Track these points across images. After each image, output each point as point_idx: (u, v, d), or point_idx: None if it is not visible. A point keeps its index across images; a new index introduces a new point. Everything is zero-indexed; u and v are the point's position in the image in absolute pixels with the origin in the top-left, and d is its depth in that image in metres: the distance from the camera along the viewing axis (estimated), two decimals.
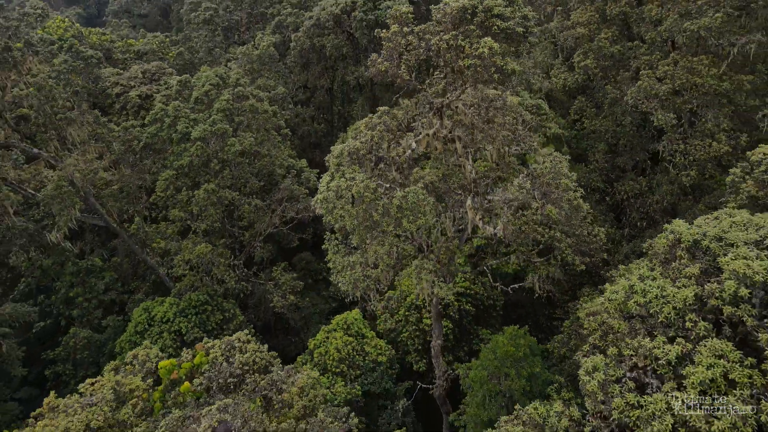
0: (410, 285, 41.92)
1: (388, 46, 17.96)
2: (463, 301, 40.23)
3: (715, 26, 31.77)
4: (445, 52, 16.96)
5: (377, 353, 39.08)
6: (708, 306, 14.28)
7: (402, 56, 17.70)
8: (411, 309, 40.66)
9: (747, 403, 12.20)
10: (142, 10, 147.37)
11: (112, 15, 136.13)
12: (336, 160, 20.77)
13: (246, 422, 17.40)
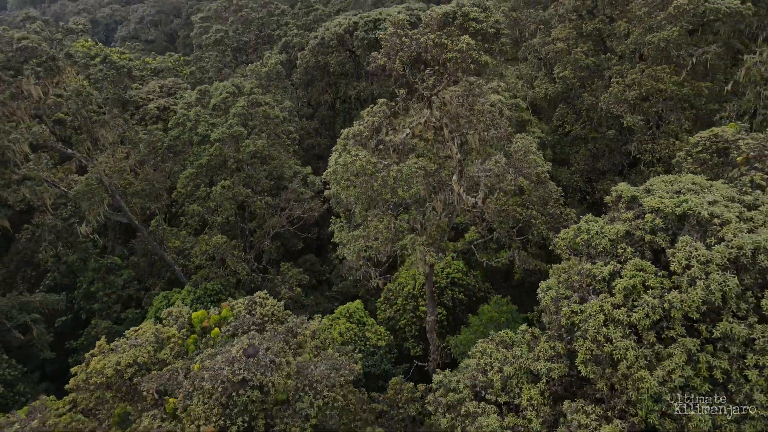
0: (408, 277, 46.19)
1: (386, 45, 22.64)
2: (456, 291, 44.19)
3: (673, 38, 36.73)
4: (432, 48, 21.60)
5: (377, 338, 42.88)
6: (634, 237, 18.59)
7: (398, 53, 22.33)
8: (408, 298, 44.64)
9: (656, 298, 16.37)
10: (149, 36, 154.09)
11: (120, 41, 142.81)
12: (343, 142, 25.32)
13: (270, 348, 21.48)
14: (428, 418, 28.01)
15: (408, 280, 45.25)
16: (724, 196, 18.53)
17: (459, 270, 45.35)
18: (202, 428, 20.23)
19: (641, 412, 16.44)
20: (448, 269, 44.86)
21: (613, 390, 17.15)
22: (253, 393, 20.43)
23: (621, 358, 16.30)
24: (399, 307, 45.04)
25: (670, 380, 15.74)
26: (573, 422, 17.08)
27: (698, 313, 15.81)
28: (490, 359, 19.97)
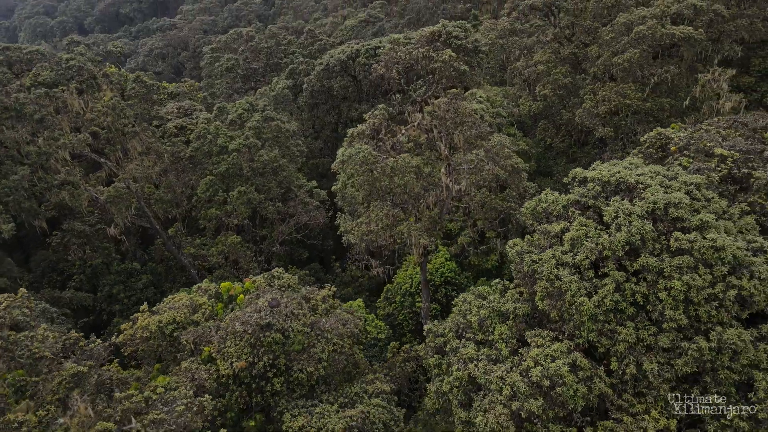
0: (405, 277, 51.09)
1: (385, 58, 28.27)
2: (449, 288, 48.97)
3: (635, 59, 42.66)
4: (421, 59, 27.20)
5: (377, 332, 47.52)
6: (581, 202, 23.79)
7: (394, 64, 27.94)
8: (406, 296, 49.44)
9: (593, 243, 21.46)
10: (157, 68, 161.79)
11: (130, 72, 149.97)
12: (348, 139, 30.80)
13: (288, 304, 26.35)
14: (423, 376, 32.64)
15: (405, 280, 50.12)
16: (652, 171, 23.85)
17: (452, 270, 50.20)
18: (235, 364, 25.06)
19: (584, 333, 21.37)
20: (442, 269, 49.75)
21: (563, 318, 22.11)
22: (276, 335, 25.33)
23: (567, 290, 21.33)
24: (397, 304, 49.76)
25: (603, 304, 20.75)
26: (532, 344, 22.01)
27: (623, 252, 20.94)
28: (470, 306, 24.98)
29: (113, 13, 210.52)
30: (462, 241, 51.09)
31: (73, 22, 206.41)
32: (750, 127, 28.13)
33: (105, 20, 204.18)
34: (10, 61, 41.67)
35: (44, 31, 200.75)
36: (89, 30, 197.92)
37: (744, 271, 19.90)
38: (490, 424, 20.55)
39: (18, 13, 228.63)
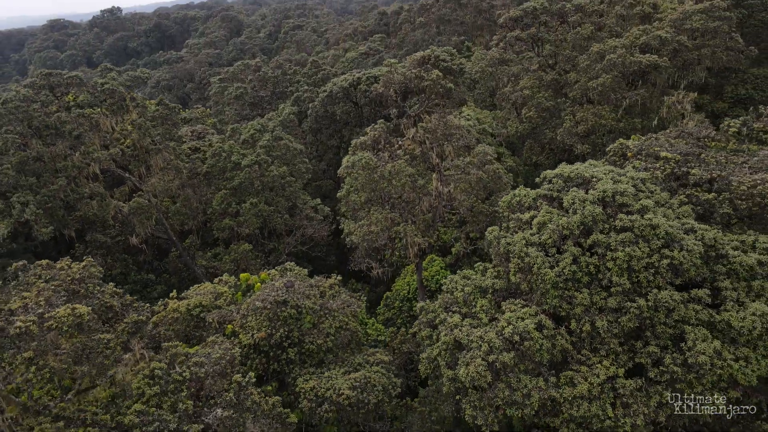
0: (403, 284, 55.73)
1: (383, 79, 33.63)
2: None
3: (608, 84, 48.31)
4: (414, 78, 32.52)
5: (377, 334, 51.99)
6: (547, 195, 28.77)
7: (391, 84, 33.30)
8: (404, 301, 54.02)
9: (555, 225, 26.35)
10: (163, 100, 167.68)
11: None
12: (352, 149, 36.00)
13: (301, 284, 31.03)
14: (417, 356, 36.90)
15: (403, 287, 54.76)
16: (605, 169, 28.94)
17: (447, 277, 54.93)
18: (255, 335, 29.68)
19: (548, 299, 26.11)
20: (437, 276, 54.44)
21: (531, 288, 26.87)
22: (291, 311, 30.02)
23: (534, 264, 26.15)
24: (396, 309, 54.30)
25: (563, 274, 25.56)
26: (506, 311, 26.72)
27: (579, 231, 25.87)
28: (456, 284, 29.75)
29: (121, 47, 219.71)
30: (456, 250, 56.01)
31: (82, 55, 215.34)
32: (694, 136, 33.33)
33: (113, 54, 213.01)
34: (51, 85, 47.27)
35: (54, 64, 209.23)
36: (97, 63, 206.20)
37: (675, 244, 24.77)
38: (471, 374, 25.09)
39: (28, 47, 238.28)
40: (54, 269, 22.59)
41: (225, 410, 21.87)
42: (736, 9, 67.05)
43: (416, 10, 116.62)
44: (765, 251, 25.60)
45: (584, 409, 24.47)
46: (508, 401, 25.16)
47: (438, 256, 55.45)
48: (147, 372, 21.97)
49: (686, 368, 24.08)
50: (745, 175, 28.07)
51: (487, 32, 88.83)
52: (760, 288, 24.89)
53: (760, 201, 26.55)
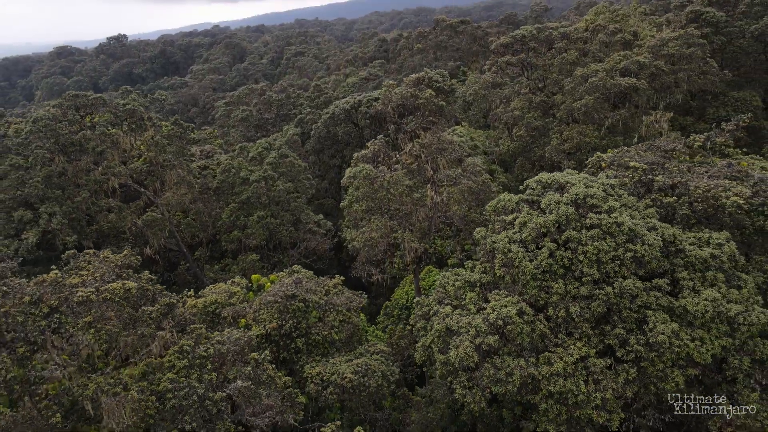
0: (401, 294, 59.24)
1: (382, 98, 37.71)
2: None
3: (590, 105, 52.58)
4: (409, 97, 36.61)
5: (377, 341, 55.30)
6: (528, 200, 32.60)
7: (389, 103, 37.39)
8: (402, 309, 57.50)
9: (534, 224, 30.11)
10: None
11: None
12: (354, 161, 39.98)
13: (308, 282, 34.59)
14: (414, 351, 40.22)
15: (402, 297, 58.29)
16: (579, 176, 32.85)
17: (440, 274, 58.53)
18: (267, 326, 33.21)
19: (528, 290, 29.75)
20: (434, 285, 58.02)
21: (514, 281, 30.52)
22: (299, 304, 33.60)
23: (516, 258, 29.85)
24: (395, 317, 57.75)
25: (540, 267, 29.24)
26: (491, 300, 30.33)
27: (554, 228, 29.64)
28: (447, 279, 33.40)
29: (126, 73, 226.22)
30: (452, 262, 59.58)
31: (89, 81, 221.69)
32: (662, 149, 37.32)
33: (119, 79, 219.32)
34: (77, 105, 51.49)
35: (60, 89, 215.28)
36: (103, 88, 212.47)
37: (638, 240, 28.52)
38: (460, 355, 28.58)
39: (35, 73, 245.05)
40: (99, 257, 26.27)
41: (244, 382, 25.32)
42: (716, 36, 72.01)
43: (414, 37, 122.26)
44: (717, 246, 29.32)
45: (560, 385, 27.88)
46: (493, 379, 28.59)
47: (435, 267, 59.09)
48: (177, 348, 25.44)
49: (648, 348, 27.58)
50: (702, 181, 31.96)
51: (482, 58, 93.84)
52: (713, 278, 28.56)
53: (714, 203, 30.39)
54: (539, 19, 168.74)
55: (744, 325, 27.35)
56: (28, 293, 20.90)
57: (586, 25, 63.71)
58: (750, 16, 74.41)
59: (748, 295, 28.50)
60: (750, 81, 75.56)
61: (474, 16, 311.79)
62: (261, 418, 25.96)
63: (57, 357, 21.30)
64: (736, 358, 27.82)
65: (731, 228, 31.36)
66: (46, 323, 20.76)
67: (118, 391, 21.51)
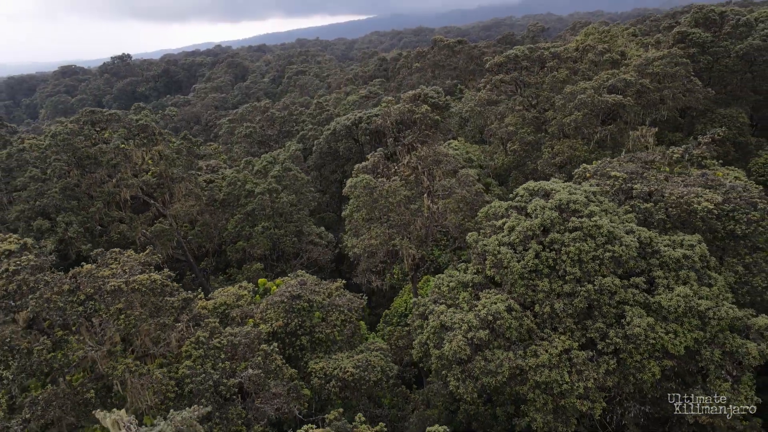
0: (400, 302, 61.73)
1: (381, 113, 40.66)
2: None
3: (579, 120, 55.61)
4: (406, 112, 39.57)
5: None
6: (516, 206, 35.34)
7: (388, 117, 40.36)
8: (401, 317, 59.94)
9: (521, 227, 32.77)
10: None
11: None
12: (355, 172, 42.82)
13: (312, 284, 37.14)
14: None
15: (400, 305, 60.81)
16: (564, 184, 35.63)
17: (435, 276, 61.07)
18: (274, 324, 35.73)
19: (516, 288, 32.35)
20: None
21: (503, 280, 33.12)
22: (303, 304, 36.16)
23: (505, 259, 32.51)
24: (394, 325, 60.19)
25: (527, 266, 31.89)
26: (481, 298, 32.90)
27: (540, 231, 32.35)
28: (442, 280, 36.01)
29: (130, 92, 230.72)
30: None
31: (92, 99, 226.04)
32: (643, 160, 40.19)
33: (122, 98, 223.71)
34: (93, 120, 54.52)
35: (65, 108, 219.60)
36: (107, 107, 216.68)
37: (616, 241, 31.22)
38: (453, 348, 31.08)
39: (40, 92, 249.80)
40: (123, 255, 28.88)
41: (254, 370, 27.78)
42: (702, 55, 75.45)
43: (413, 56, 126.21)
44: (690, 247, 32.01)
45: (546, 375, 30.34)
46: (484, 371, 31.05)
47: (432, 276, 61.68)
48: (193, 339, 27.93)
49: (626, 340, 30.10)
50: (677, 188, 34.75)
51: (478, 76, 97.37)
52: (686, 276, 31.20)
53: (687, 208, 33.13)
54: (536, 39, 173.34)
55: (714, 319, 29.92)
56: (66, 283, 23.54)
57: (577, 45, 67.10)
58: (735, 36, 77.88)
59: (718, 292, 31.13)
60: (737, 99, 78.76)
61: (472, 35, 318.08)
62: (270, 406, 28.36)
63: (89, 340, 23.82)
64: (707, 350, 30.28)
65: (704, 232, 34.09)
66: (83, 309, 23.35)
67: (144, 372, 24.01)
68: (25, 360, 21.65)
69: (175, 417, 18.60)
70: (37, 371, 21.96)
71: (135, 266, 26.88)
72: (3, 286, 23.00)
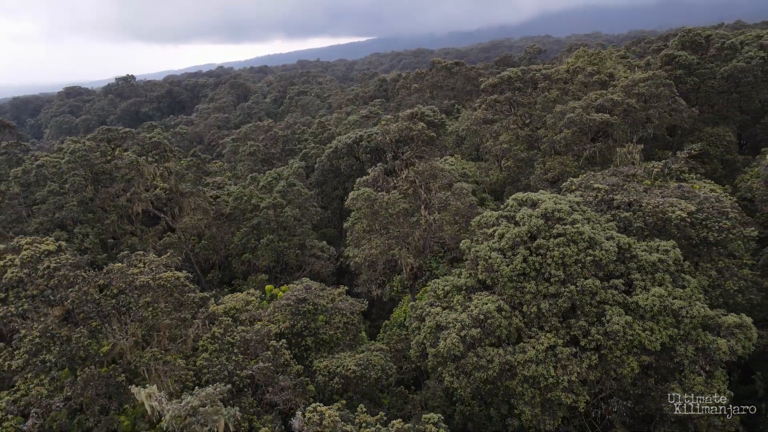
0: (400, 313, 64.42)
1: (381, 130, 43.90)
2: None
3: (569, 138, 58.93)
4: (404, 129, 42.81)
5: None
6: (505, 215, 38.35)
7: (388, 134, 43.59)
8: (401, 327, 62.56)
9: (510, 234, 35.74)
10: None
11: None
12: (356, 186, 45.96)
13: (317, 289, 40.00)
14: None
15: (400, 315, 63.45)
16: (550, 195, 38.73)
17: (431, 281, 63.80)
18: (281, 325, 38.54)
19: (506, 290, 35.24)
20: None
21: (494, 283, 36.03)
22: (309, 307, 39.00)
23: (495, 264, 35.45)
24: (393, 334, 62.77)
25: (515, 270, 34.82)
26: (473, 300, 35.77)
27: (527, 237, 35.35)
28: (438, 285, 38.91)
29: (134, 112, 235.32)
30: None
31: (96, 120, 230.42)
32: (624, 174, 43.37)
33: (126, 118, 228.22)
34: (109, 138, 57.86)
35: (69, 128, 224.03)
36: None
37: (597, 246, 34.21)
38: (448, 345, 33.87)
39: (44, 112, 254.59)
40: (148, 257, 31.82)
41: (264, 363, 30.53)
42: (689, 77, 79.24)
43: (412, 77, 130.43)
44: (665, 252, 34.98)
45: (533, 369, 33.10)
46: (476, 366, 33.81)
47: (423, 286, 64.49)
48: (209, 335, 30.73)
49: (606, 337, 32.93)
50: (654, 199, 37.86)
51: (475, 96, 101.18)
52: (661, 278, 34.12)
53: (662, 216, 36.19)
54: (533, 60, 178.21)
55: (687, 317, 32.79)
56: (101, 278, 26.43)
57: (567, 67, 70.80)
58: (720, 58, 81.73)
59: (691, 293, 34.05)
60: (724, 118, 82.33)
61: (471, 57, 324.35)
62: (279, 397, 31.08)
63: (119, 331, 26.60)
64: (682, 347, 33.08)
65: (679, 239, 37.09)
66: (115, 302, 26.19)
67: (168, 360, 26.75)
68: (65, 346, 24.45)
69: (200, 393, 21.40)
70: (76, 356, 24.71)
71: (159, 266, 29.82)
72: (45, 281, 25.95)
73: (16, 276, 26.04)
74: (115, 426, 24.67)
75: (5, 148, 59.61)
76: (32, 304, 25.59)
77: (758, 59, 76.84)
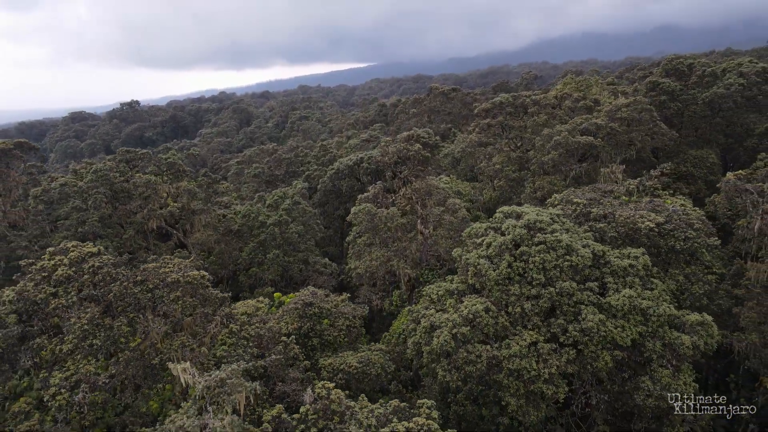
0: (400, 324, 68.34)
1: (381, 151, 48.50)
2: None
3: (556, 159, 63.68)
4: (402, 150, 47.45)
5: None
6: (493, 227, 42.74)
7: (387, 154, 48.22)
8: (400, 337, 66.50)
9: (497, 243, 40.03)
10: None
11: None
12: (358, 201, 50.46)
13: (322, 295, 44.17)
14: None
15: (399, 327, 67.37)
16: (533, 208, 43.20)
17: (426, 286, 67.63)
18: (290, 327, 42.64)
19: (493, 293, 39.47)
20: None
21: (482, 287, 40.25)
22: (315, 310, 43.15)
23: (483, 269, 39.72)
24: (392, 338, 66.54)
25: (501, 274, 39.07)
26: (464, 302, 39.96)
27: (512, 245, 39.71)
28: (432, 290, 43.15)
29: (137, 137, 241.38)
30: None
31: (101, 144, 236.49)
32: (602, 190, 47.92)
33: (130, 142, 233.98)
34: (128, 159, 62.56)
35: (74, 152, 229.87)
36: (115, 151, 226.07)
37: (574, 253, 38.56)
38: (441, 342, 37.98)
39: (49, 137, 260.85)
40: (174, 260, 36.08)
41: (276, 356, 34.61)
42: (672, 102, 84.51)
43: (411, 103, 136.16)
44: (635, 258, 39.31)
45: (517, 363, 37.14)
46: (466, 361, 37.85)
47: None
48: (227, 330, 34.83)
49: (582, 333, 37.04)
50: (626, 211, 42.33)
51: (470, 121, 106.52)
52: (631, 281, 38.40)
53: (632, 226, 40.61)
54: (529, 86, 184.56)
55: (654, 315, 36.99)
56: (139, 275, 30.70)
57: (556, 93, 75.97)
58: (701, 85, 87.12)
59: (658, 295, 38.29)
60: (708, 141, 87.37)
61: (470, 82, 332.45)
62: (289, 387, 35.10)
63: (152, 321, 30.70)
64: (650, 342, 37.17)
65: (648, 247, 41.45)
66: (150, 296, 30.35)
67: (194, 347, 30.81)
68: (109, 332, 28.51)
69: (226, 368, 25.54)
70: (118, 340, 28.79)
71: (187, 266, 34.13)
72: (90, 278, 30.16)
73: (65, 273, 30.32)
74: (147, 404, 28.64)
75: (29, 168, 64.28)
76: (79, 298, 29.80)
77: (737, 86, 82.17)
